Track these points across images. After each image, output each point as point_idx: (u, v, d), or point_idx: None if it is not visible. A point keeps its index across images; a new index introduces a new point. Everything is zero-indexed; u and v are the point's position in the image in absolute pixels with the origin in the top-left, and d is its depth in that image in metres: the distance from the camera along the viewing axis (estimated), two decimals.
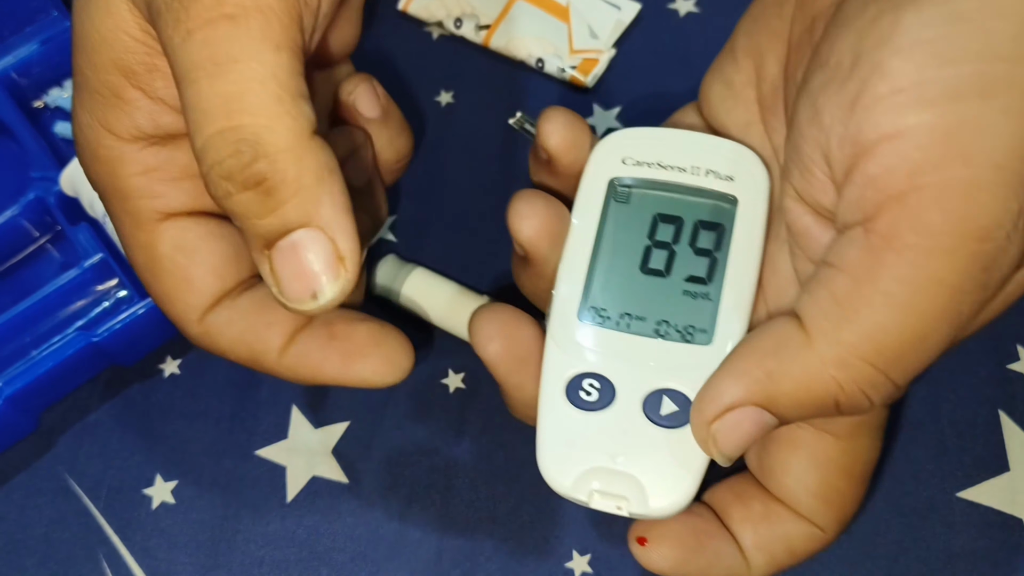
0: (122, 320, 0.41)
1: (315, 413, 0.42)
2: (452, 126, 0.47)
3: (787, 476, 0.33)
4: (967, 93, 0.24)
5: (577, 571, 0.39)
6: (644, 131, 0.33)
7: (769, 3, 0.31)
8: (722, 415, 0.28)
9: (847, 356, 0.25)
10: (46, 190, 0.44)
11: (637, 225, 0.32)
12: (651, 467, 0.30)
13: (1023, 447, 0.40)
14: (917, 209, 0.24)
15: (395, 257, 0.43)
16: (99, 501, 0.41)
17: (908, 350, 0.25)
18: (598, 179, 0.33)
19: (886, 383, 0.26)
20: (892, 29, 0.25)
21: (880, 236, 0.25)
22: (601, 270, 0.32)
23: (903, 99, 0.24)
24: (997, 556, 0.39)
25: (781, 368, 0.26)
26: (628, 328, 0.31)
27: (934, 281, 0.24)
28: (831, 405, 0.26)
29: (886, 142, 0.24)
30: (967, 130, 0.24)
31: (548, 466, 0.31)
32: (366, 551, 0.40)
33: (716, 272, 0.31)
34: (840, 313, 0.25)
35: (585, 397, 0.31)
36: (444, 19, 0.49)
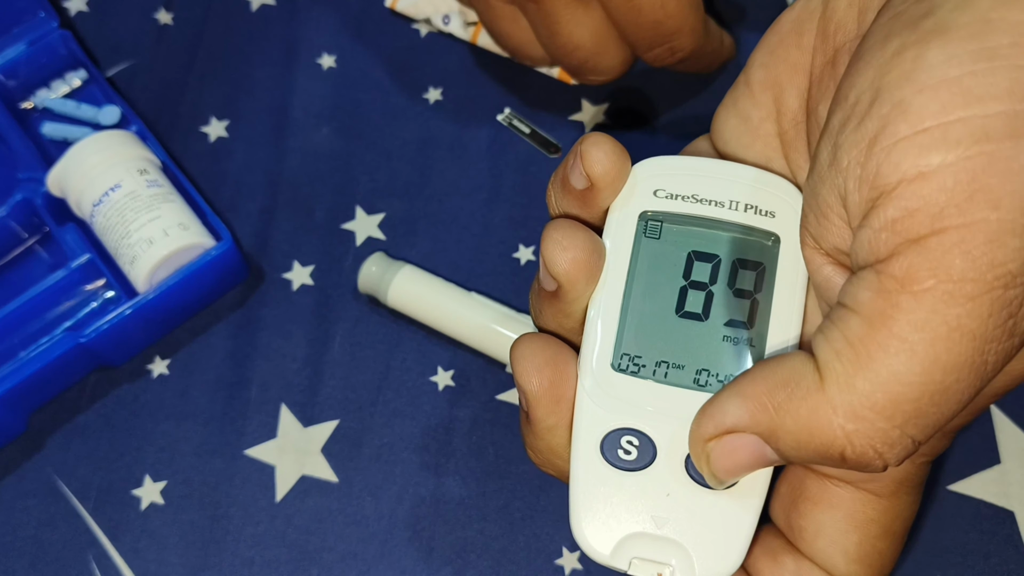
0: (110, 320, 0.40)
1: (304, 412, 0.42)
2: (440, 123, 0.47)
3: (821, 538, 0.30)
4: (997, 133, 0.22)
5: (567, 568, 0.39)
6: (680, 161, 0.30)
7: (787, 34, 0.29)
8: (721, 436, 0.26)
9: (860, 408, 0.24)
10: (33, 191, 0.44)
11: (671, 264, 0.29)
12: (697, 532, 0.28)
13: (1014, 440, 0.40)
14: (938, 252, 0.22)
15: (383, 255, 0.43)
16: (88, 502, 0.40)
17: (927, 403, 0.23)
18: (628, 214, 0.30)
19: (902, 439, 0.24)
20: (915, 65, 0.23)
21: (895, 279, 0.23)
22: (635, 314, 0.29)
23: (927, 139, 0.23)
24: (988, 549, 0.39)
25: (789, 405, 0.25)
26: (666, 378, 0.29)
27: (955, 328, 0.23)
28: (836, 456, 0.24)
29: (907, 184, 0.23)
30: (996, 172, 0.22)
31: (585, 533, 0.28)
32: (356, 550, 0.39)
33: (758, 316, 0.29)
34: (854, 358, 0.24)
35: (624, 456, 0.28)
36: (432, 16, 0.49)
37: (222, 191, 0.46)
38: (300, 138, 0.47)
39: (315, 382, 0.42)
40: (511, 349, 0.29)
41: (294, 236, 0.45)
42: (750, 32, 0.48)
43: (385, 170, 0.46)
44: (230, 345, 0.43)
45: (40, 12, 0.48)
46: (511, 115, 0.47)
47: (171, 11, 0.50)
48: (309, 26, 0.50)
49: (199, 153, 0.47)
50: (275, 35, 0.49)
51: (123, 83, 0.48)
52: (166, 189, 0.43)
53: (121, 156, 0.43)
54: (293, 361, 0.43)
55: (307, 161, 0.47)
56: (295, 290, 0.44)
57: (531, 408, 0.29)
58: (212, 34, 0.49)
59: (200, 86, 0.48)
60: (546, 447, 0.30)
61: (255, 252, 0.45)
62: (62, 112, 0.47)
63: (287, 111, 0.48)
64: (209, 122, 0.47)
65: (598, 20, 0.41)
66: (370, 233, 0.45)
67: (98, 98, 0.47)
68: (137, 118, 0.46)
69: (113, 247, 0.42)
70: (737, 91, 0.31)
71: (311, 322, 0.43)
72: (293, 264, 0.44)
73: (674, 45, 0.41)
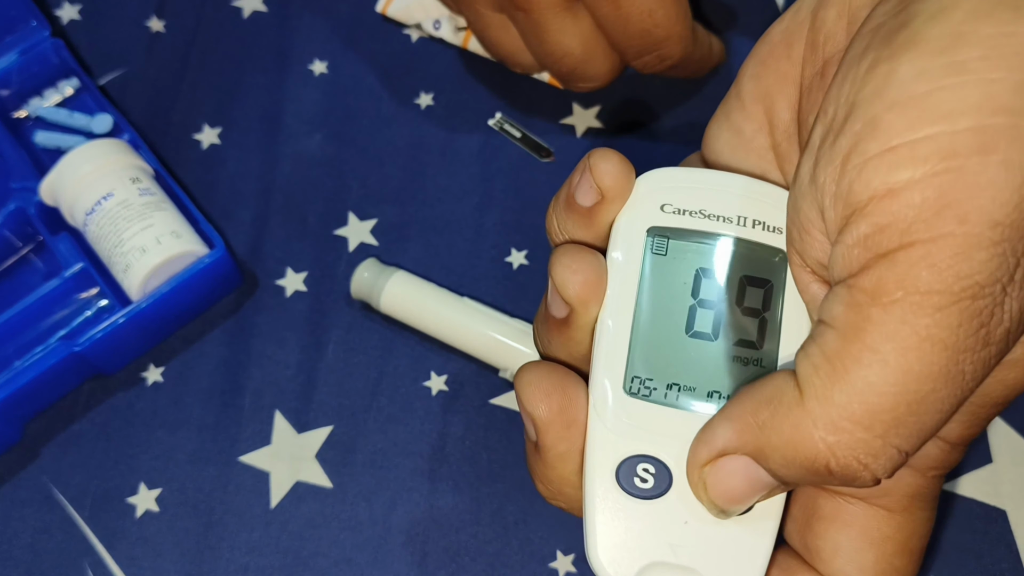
0: (104, 329, 0.41)
1: (298, 418, 0.42)
2: (432, 128, 0.47)
3: (837, 557, 0.30)
4: (964, 149, 0.23)
5: (561, 571, 0.39)
6: (685, 173, 0.30)
7: (776, 44, 0.29)
8: (714, 460, 0.26)
9: (838, 419, 0.24)
10: (26, 200, 0.44)
11: (679, 282, 0.29)
12: (714, 559, 0.27)
13: (1006, 439, 0.40)
14: (905, 265, 0.23)
15: (375, 261, 0.43)
16: (84, 510, 0.41)
17: (905, 413, 0.23)
18: (635, 229, 0.29)
19: (885, 449, 0.24)
20: (887, 81, 0.24)
21: (865, 292, 0.23)
22: (644, 334, 0.28)
23: (895, 157, 0.23)
24: (981, 548, 0.39)
25: (773, 421, 0.25)
26: (677, 401, 0.28)
27: (925, 338, 0.23)
28: (823, 470, 0.24)
29: (877, 201, 0.23)
30: (963, 187, 0.23)
31: (603, 563, 0.28)
32: (351, 555, 0.40)
33: (767, 335, 0.28)
34: (831, 371, 0.24)
35: (640, 484, 0.28)
36: (423, 21, 0.49)
37: (215, 198, 0.46)
38: (292, 144, 0.47)
39: (309, 388, 0.42)
40: (516, 377, 0.29)
41: (287, 243, 0.45)
42: (740, 36, 0.48)
43: (377, 176, 0.46)
44: (224, 352, 0.43)
45: (32, 21, 0.48)
46: (502, 119, 0.47)
47: (163, 19, 0.50)
48: (301, 33, 0.50)
49: (192, 161, 0.47)
50: (267, 42, 0.50)
51: (115, 91, 0.48)
52: (159, 197, 0.43)
53: (113, 165, 0.43)
54: (287, 368, 0.43)
55: (299, 167, 0.47)
56: (288, 297, 0.44)
57: (541, 435, 0.28)
58: (204, 41, 0.50)
59: (192, 93, 0.48)
60: (558, 476, 0.29)
61: (248, 259, 0.45)
62: (55, 121, 0.47)
63: (279, 118, 0.48)
64: (202, 129, 0.48)
65: (587, 28, 0.41)
66: (363, 239, 0.45)
67: (90, 106, 0.47)
68: (129, 126, 0.46)
69: (106, 256, 0.42)
70: (728, 104, 0.31)
71: (304, 329, 0.43)
72: (286, 271, 0.45)
73: (663, 53, 0.41)
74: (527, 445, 0.30)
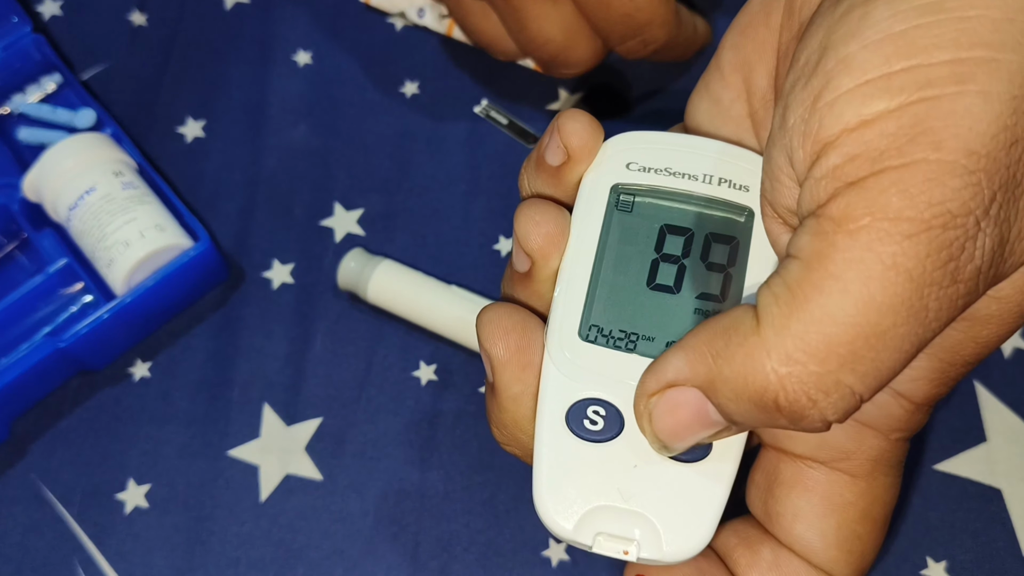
0: (89, 324, 0.40)
1: (287, 411, 0.42)
2: (418, 116, 0.47)
3: (798, 523, 0.30)
4: (940, 80, 0.22)
5: (554, 559, 0.39)
6: (653, 135, 0.30)
7: (755, 13, 0.29)
8: (662, 391, 0.25)
9: (792, 350, 0.23)
10: (9, 197, 0.44)
11: (643, 237, 0.29)
12: (664, 506, 0.27)
13: (1000, 417, 0.40)
14: (875, 191, 0.22)
15: (362, 250, 0.43)
16: (73, 507, 0.40)
17: (863, 347, 0.22)
18: (599, 185, 0.29)
19: (838, 387, 0.23)
20: (861, 23, 0.23)
21: (831, 220, 0.23)
22: (605, 285, 0.29)
23: (869, 89, 0.23)
24: (976, 527, 0.38)
25: (726, 351, 0.24)
26: (635, 349, 0.28)
27: (890, 267, 0.22)
28: (771, 405, 0.23)
29: (848, 133, 0.23)
30: (939, 115, 0.22)
31: (547, 506, 0.27)
32: (342, 547, 0.39)
33: (731, 290, 0.28)
34: (790, 299, 0.23)
35: (590, 426, 0.27)
36: (406, 9, 0.48)
37: (200, 191, 0.46)
38: (277, 136, 0.47)
39: (297, 380, 0.42)
40: (477, 316, 0.29)
41: (273, 234, 0.45)
42: (725, 16, 0.48)
43: (363, 165, 0.46)
44: (211, 346, 0.43)
45: (13, 17, 0.48)
46: (488, 107, 0.47)
47: (145, 12, 0.50)
48: (284, 23, 0.49)
49: (176, 154, 0.47)
50: (250, 33, 0.49)
51: (98, 86, 0.48)
52: (141, 191, 0.43)
53: (95, 159, 0.42)
54: (275, 360, 0.42)
55: (284, 159, 0.46)
56: (275, 289, 0.44)
57: (496, 374, 0.28)
58: (187, 34, 0.49)
59: (176, 86, 0.48)
60: (511, 419, 0.29)
61: (234, 251, 0.45)
62: (37, 117, 0.47)
63: (263, 109, 0.47)
64: (185, 122, 0.47)
65: (568, 14, 0.40)
66: (349, 229, 0.45)
67: (73, 102, 0.47)
68: (112, 121, 0.46)
69: (90, 251, 0.42)
70: (709, 75, 0.31)
71: (292, 320, 0.43)
72: (273, 263, 0.44)
73: (646, 37, 0.41)
74: (486, 388, 0.30)
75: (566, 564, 0.39)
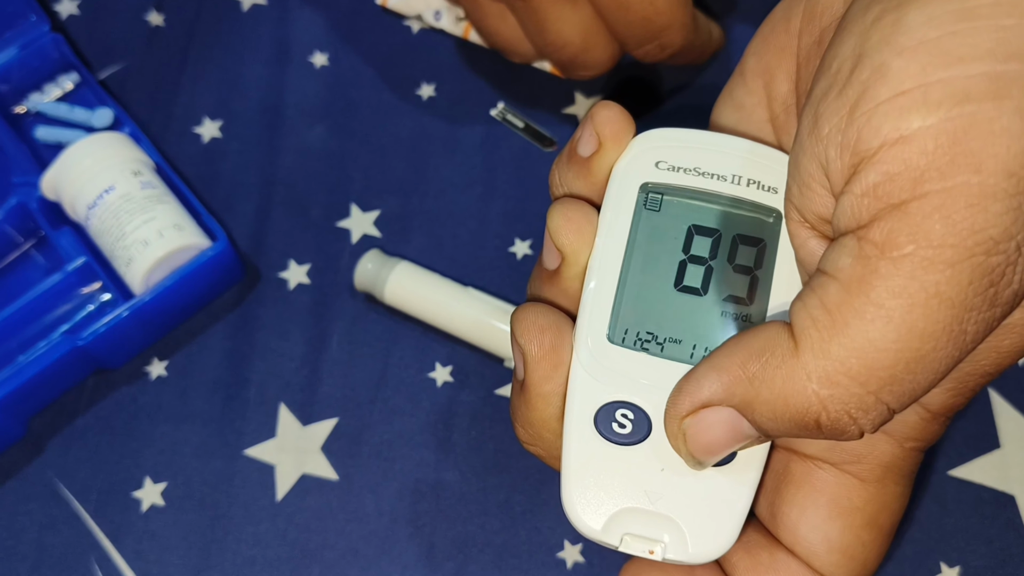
0: (107, 323, 0.40)
1: (303, 411, 0.42)
2: (434, 119, 0.47)
3: (802, 524, 0.30)
4: (977, 94, 0.22)
5: (569, 561, 0.39)
6: (682, 133, 0.30)
7: (777, 20, 0.30)
8: (696, 411, 0.26)
9: (834, 373, 0.23)
10: (28, 195, 0.44)
11: (671, 237, 0.29)
12: (690, 508, 0.27)
13: (1014, 424, 0.40)
14: (917, 217, 0.22)
15: (379, 252, 0.43)
16: (89, 505, 0.40)
17: (903, 371, 0.23)
18: (628, 184, 0.29)
19: (876, 406, 0.24)
20: (895, 28, 0.23)
21: (874, 244, 0.23)
22: (632, 286, 0.29)
23: (907, 102, 0.23)
24: (990, 533, 0.39)
25: (764, 373, 0.24)
26: (662, 352, 0.28)
27: (933, 296, 0.22)
28: (812, 424, 0.24)
29: (888, 148, 0.23)
30: (977, 134, 0.22)
31: (576, 507, 0.27)
32: (357, 547, 0.39)
33: (758, 292, 0.28)
34: (830, 323, 0.23)
35: (618, 430, 0.28)
36: (423, 12, 0.48)
37: (217, 191, 0.46)
38: (294, 137, 0.47)
39: (313, 381, 0.42)
40: (512, 315, 0.29)
41: (290, 235, 0.45)
42: (740, 23, 0.48)
43: (379, 167, 0.46)
44: (228, 345, 0.43)
45: (31, 16, 0.48)
46: (504, 110, 0.47)
47: (162, 12, 0.50)
48: (301, 25, 0.49)
49: (193, 154, 0.47)
50: (267, 34, 0.49)
51: (115, 85, 0.48)
52: (160, 190, 0.43)
53: (115, 158, 0.43)
54: (291, 360, 0.43)
55: (301, 160, 0.46)
56: (292, 289, 0.44)
57: (529, 372, 0.28)
58: (204, 34, 0.49)
59: (192, 87, 0.48)
60: (539, 418, 0.29)
61: (251, 252, 0.45)
62: (55, 116, 0.47)
63: (280, 110, 0.48)
64: (202, 122, 0.47)
65: (586, 16, 0.40)
66: (365, 230, 0.45)
67: (91, 101, 0.47)
68: (130, 120, 0.46)
69: (109, 249, 0.42)
70: (732, 82, 0.31)
71: (308, 321, 0.43)
72: (289, 263, 0.44)
73: (663, 41, 0.41)
74: (513, 386, 0.30)
75: (581, 566, 0.39)
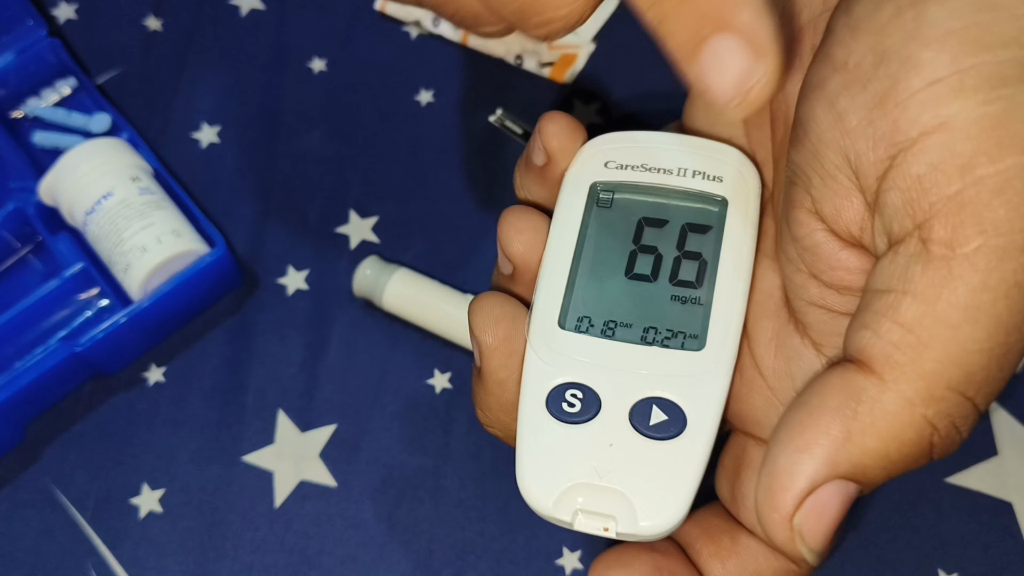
0: (105, 329, 0.40)
1: (302, 417, 0.42)
2: (433, 125, 0.47)
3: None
4: (1012, 77, 0.22)
5: (568, 568, 0.39)
6: (629, 135, 0.31)
7: None
8: (802, 503, 0.23)
9: (936, 389, 0.22)
10: (25, 200, 0.44)
11: (621, 230, 0.31)
12: (640, 483, 0.27)
13: (1011, 431, 0.40)
14: (978, 206, 0.22)
15: (378, 258, 0.43)
16: (86, 512, 0.40)
17: (996, 368, 0.22)
18: (579, 184, 0.31)
19: (974, 411, 0.23)
20: (917, 23, 0.23)
21: (942, 244, 0.22)
22: (583, 276, 0.30)
23: (943, 89, 0.22)
24: (987, 541, 0.39)
25: (860, 425, 0.23)
26: (613, 335, 0.29)
27: (1013, 284, 0.22)
28: (926, 451, 0.23)
29: (928, 136, 0.22)
30: (1019, 115, 0.22)
31: (528, 484, 0.28)
32: (356, 554, 0.39)
33: (706, 276, 0.30)
34: (916, 342, 0.22)
35: (568, 409, 0.28)
36: (422, 18, 0.49)
37: (215, 197, 0.46)
38: (292, 142, 0.47)
39: (312, 387, 0.42)
40: (470, 305, 0.30)
41: (288, 241, 0.45)
42: None
43: (378, 173, 0.46)
44: (226, 351, 0.43)
45: (29, 20, 0.48)
46: (503, 116, 0.47)
47: (160, 17, 0.50)
48: (299, 30, 0.49)
49: (191, 159, 0.47)
50: (265, 40, 0.49)
51: (113, 90, 0.48)
52: (158, 196, 0.43)
53: (113, 164, 0.43)
54: (289, 366, 0.43)
55: (299, 165, 0.46)
56: (290, 295, 0.44)
57: (484, 360, 0.30)
58: (202, 40, 0.49)
59: (190, 92, 0.48)
60: (496, 403, 0.30)
61: (249, 258, 0.45)
62: (52, 120, 0.47)
63: (278, 116, 0.48)
64: (200, 128, 0.47)
65: None
66: (364, 236, 0.45)
67: (88, 106, 0.47)
68: (128, 125, 0.46)
69: (107, 255, 0.42)
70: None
71: (307, 327, 0.43)
72: (287, 269, 0.44)
73: None
74: (473, 372, 0.31)
75: (579, 572, 0.39)
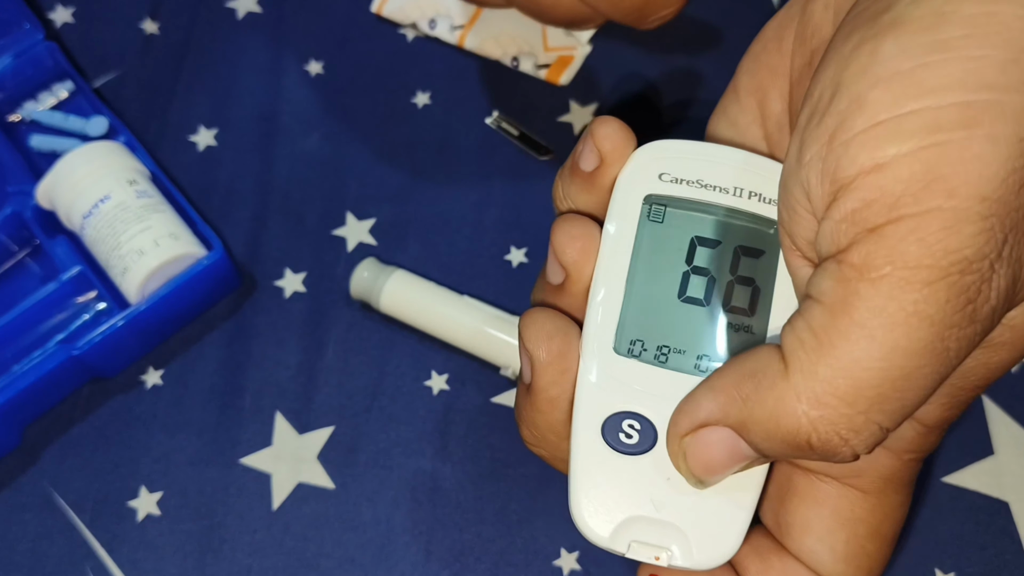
0: (102, 332, 0.40)
1: (299, 419, 0.42)
2: (429, 127, 0.47)
3: (808, 535, 0.30)
4: (948, 124, 0.23)
5: (566, 569, 0.39)
6: (684, 145, 0.30)
7: (769, 39, 0.30)
8: (695, 431, 0.26)
9: (822, 394, 0.24)
10: (23, 204, 0.44)
11: (674, 248, 0.30)
12: (696, 516, 0.28)
13: (1007, 430, 0.40)
14: (893, 240, 0.23)
15: (375, 260, 0.43)
16: (85, 515, 0.40)
17: (890, 389, 0.24)
18: (632, 196, 0.30)
19: (867, 425, 0.24)
20: (871, 59, 0.24)
21: (853, 267, 0.24)
22: (637, 297, 0.29)
23: (882, 132, 0.23)
24: (984, 540, 0.39)
25: (756, 395, 0.25)
26: (667, 362, 0.29)
27: (912, 314, 0.23)
28: (804, 445, 0.25)
29: (864, 176, 0.24)
30: (949, 162, 0.23)
31: (584, 516, 0.28)
32: (354, 556, 0.39)
33: (760, 303, 0.29)
34: (816, 345, 0.24)
35: (625, 440, 0.28)
36: (418, 20, 0.49)
37: (212, 200, 0.46)
38: (289, 145, 0.47)
39: (309, 389, 0.42)
40: (521, 320, 0.30)
41: (285, 243, 0.45)
42: (736, 36, 0.48)
43: (375, 175, 0.46)
44: (223, 354, 0.43)
45: (25, 24, 0.48)
46: (500, 118, 0.47)
47: (157, 20, 0.50)
48: (296, 33, 0.49)
49: (188, 162, 0.47)
50: (262, 42, 0.49)
51: (110, 94, 0.48)
52: (156, 199, 0.43)
53: (110, 167, 0.43)
54: (287, 368, 0.43)
55: (297, 168, 0.47)
56: (287, 297, 0.44)
57: (536, 376, 0.29)
58: (198, 43, 0.49)
59: (188, 95, 0.48)
60: (545, 421, 0.30)
61: (247, 260, 0.45)
62: (50, 124, 0.47)
63: (276, 118, 0.48)
64: (197, 131, 0.47)
65: None
66: (361, 239, 0.45)
67: (85, 109, 0.47)
68: (125, 128, 0.46)
69: (104, 259, 0.42)
70: (726, 99, 0.32)
71: (304, 329, 0.43)
72: (285, 271, 0.44)
73: None
74: (519, 389, 0.31)
75: (577, 574, 0.39)
